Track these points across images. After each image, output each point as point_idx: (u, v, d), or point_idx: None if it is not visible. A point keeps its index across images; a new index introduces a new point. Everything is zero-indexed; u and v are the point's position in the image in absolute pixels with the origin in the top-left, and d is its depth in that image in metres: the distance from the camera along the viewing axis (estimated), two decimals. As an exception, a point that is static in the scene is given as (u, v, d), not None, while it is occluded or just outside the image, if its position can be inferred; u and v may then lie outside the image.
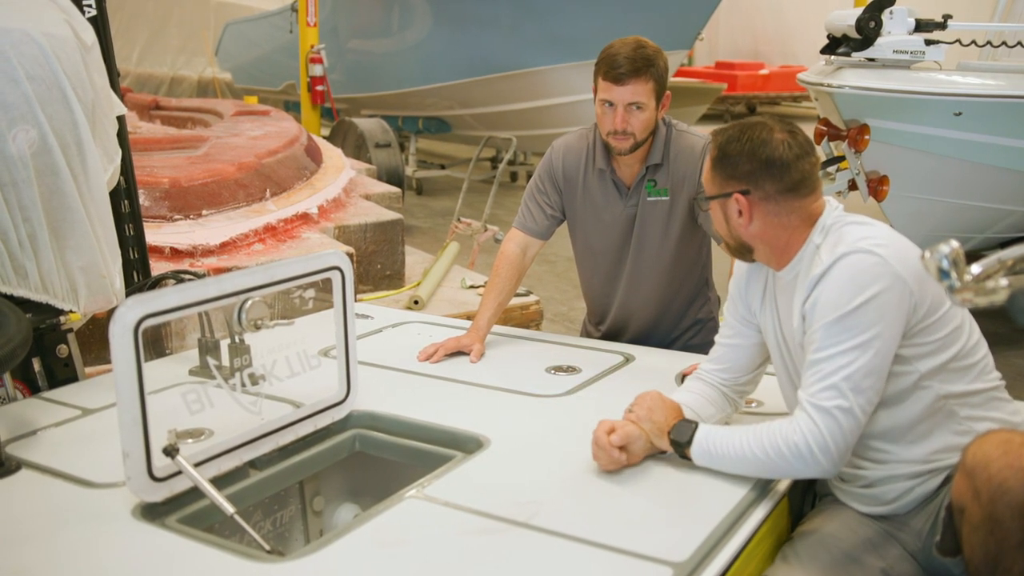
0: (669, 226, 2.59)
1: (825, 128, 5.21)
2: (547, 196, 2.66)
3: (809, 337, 1.71)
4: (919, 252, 1.65)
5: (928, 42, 5.05)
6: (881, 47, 5.01)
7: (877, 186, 5.11)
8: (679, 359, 2.45)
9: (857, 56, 5.08)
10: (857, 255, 1.66)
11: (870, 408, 1.68)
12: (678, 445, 1.77)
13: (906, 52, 5.01)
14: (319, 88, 9.31)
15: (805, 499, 1.95)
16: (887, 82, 4.97)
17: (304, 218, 4.80)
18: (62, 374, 2.36)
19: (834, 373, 1.65)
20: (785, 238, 1.78)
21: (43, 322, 2.27)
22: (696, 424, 1.78)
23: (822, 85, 5.10)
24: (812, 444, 1.66)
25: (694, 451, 1.76)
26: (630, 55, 2.38)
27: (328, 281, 1.91)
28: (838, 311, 1.65)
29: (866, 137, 5.00)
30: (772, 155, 1.74)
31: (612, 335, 2.77)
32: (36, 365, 2.32)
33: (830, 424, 1.65)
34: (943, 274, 1.31)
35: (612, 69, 2.40)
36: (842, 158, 5.19)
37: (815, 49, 5.55)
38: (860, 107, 5.03)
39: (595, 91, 2.48)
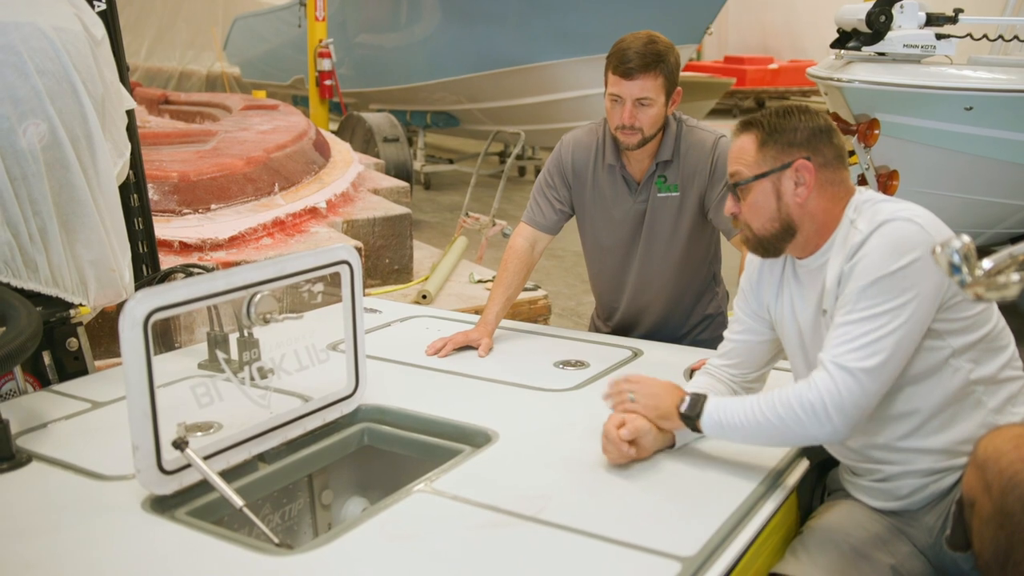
0: (679, 222, 2.58)
1: (835, 123, 5.18)
2: (556, 191, 2.65)
3: (841, 301, 1.69)
4: (948, 228, 1.65)
5: (939, 36, 5.03)
6: (891, 41, 4.99)
7: (887, 181, 5.09)
8: (688, 354, 2.45)
9: (867, 50, 5.06)
10: (897, 222, 1.65)
11: (892, 376, 1.65)
12: (689, 418, 1.76)
13: (917, 46, 4.98)
14: (327, 83, 9.30)
15: (814, 494, 1.95)
16: (897, 76, 4.95)
17: (312, 212, 4.80)
18: (72, 367, 2.37)
19: (863, 336, 1.63)
20: (832, 211, 1.76)
21: (53, 315, 2.28)
22: (705, 396, 1.78)
23: (832, 80, 5.08)
24: (828, 402, 1.63)
25: (704, 422, 1.75)
26: (640, 50, 2.37)
27: (337, 275, 1.91)
28: (876, 273, 1.63)
29: (876, 132, 4.98)
30: (826, 122, 1.78)
31: (622, 331, 2.77)
32: (46, 358, 2.33)
33: (850, 384, 1.63)
34: (954, 269, 1.30)
35: (621, 63, 2.39)
36: (852, 153, 5.17)
37: (825, 43, 5.53)
38: (870, 102, 5.01)
39: (606, 84, 2.47)
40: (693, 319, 2.76)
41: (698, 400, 1.77)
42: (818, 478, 1.95)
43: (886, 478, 1.77)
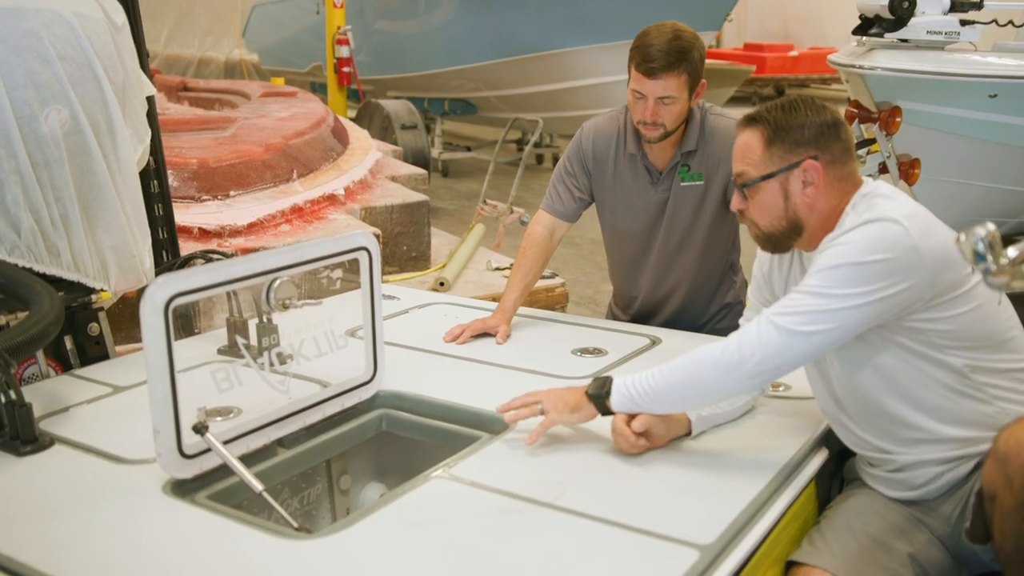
0: (702, 210, 2.57)
1: (856, 110, 5.14)
2: (576, 178, 2.64)
3: (802, 280, 1.69)
4: (947, 231, 1.63)
5: (963, 22, 4.96)
6: (914, 28, 4.93)
7: (908, 169, 5.04)
8: (706, 342, 2.43)
9: (890, 37, 5.00)
10: (881, 223, 1.64)
11: (816, 351, 1.67)
12: (597, 397, 1.77)
13: (940, 33, 4.92)
14: (345, 70, 9.30)
15: (832, 484, 1.94)
16: (920, 63, 4.89)
17: (331, 199, 4.82)
18: (93, 352, 2.39)
19: (806, 306, 1.63)
20: (838, 206, 1.74)
21: (75, 301, 2.30)
22: (611, 377, 1.78)
23: (853, 67, 5.03)
24: (743, 349, 1.65)
25: (614, 399, 1.75)
26: (664, 47, 2.31)
27: (355, 262, 1.92)
28: (843, 260, 1.63)
29: (898, 119, 4.93)
30: (833, 117, 1.74)
31: (640, 319, 2.76)
32: (68, 343, 2.35)
33: (772, 338, 1.63)
34: (979, 257, 1.29)
35: (645, 61, 2.33)
36: (873, 141, 5.12)
37: (846, 30, 5.47)
38: (892, 89, 4.95)
39: (629, 76, 2.43)
40: (712, 308, 2.75)
41: (604, 381, 1.78)
42: (836, 468, 1.95)
43: (900, 468, 1.77)
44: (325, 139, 5.66)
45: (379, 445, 2.11)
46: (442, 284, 4.58)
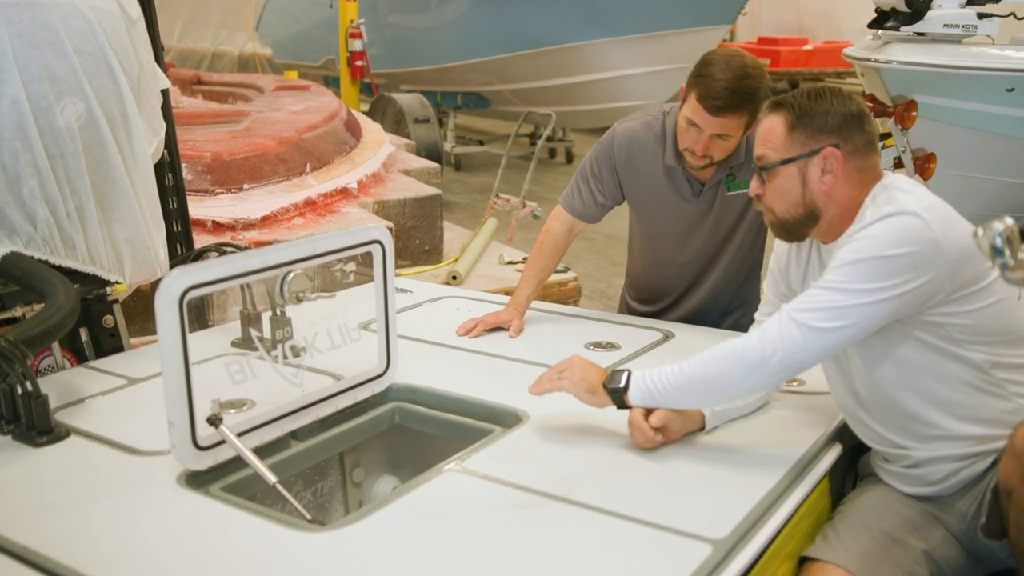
0: (745, 215, 2.51)
1: (871, 104, 5.11)
2: (601, 183, 2.55)
3: (823, 275, 1.68)
4: (967, 225, 1.62)
5: (980, 16, 4.92)
6: (931, 21, 4.89)
7: (924, 164, 5.01)
8: (719, 337, 2.42)
9: (906, 30, 4.97)
10: (902, 216, 1.62)
11: (836, 347, 1.66)
12: (616, 391, 1.76)
13: (957, 26, 4.89)
14: (359, 63, 9.31)
15: (846, 479, 1.93)
16: (937, 57, 4.85)
17: (344, 193, 4.82)
18: (108, 344, 2.40)
19: (827, 302, 1.62)
20: (856, 197, 1.73)
21: (90, 293, 2.31)
22: (629, 370, 1.78)
23: (869, 60, 5.00)
24: (765, 347, 1.64)
25: (632, 393, 1.74)
26: (732, 86, 2.18)
27: (368, 255, 1.92)
28: (864, 254, 1.62)
29: (913, 114, 4.90)
30: (859, 108, 1.73)
31: (663, 314, 2.72)
32: (83, 335, 2.37)
33: (794, 335, 1.62)
34: (996, 252, 1.28)
35: (708, 97, 2.20)
36: (888, 135, 5.09)
37: (861, 24, 5.45)
38: (908, 83, 4.92)
39: (683, 97, 2.32)
40: (735, 302, 2.71)
41: (620, 374, 1.77)
42: (850, 463, 1.94)
43: (917, 464, 1.76)
44: (338, 133, 5.67)
45: (392, 438, 2.11)
46: (454, 278, 4.58)
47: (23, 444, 1.78)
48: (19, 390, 1.78)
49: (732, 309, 2.71)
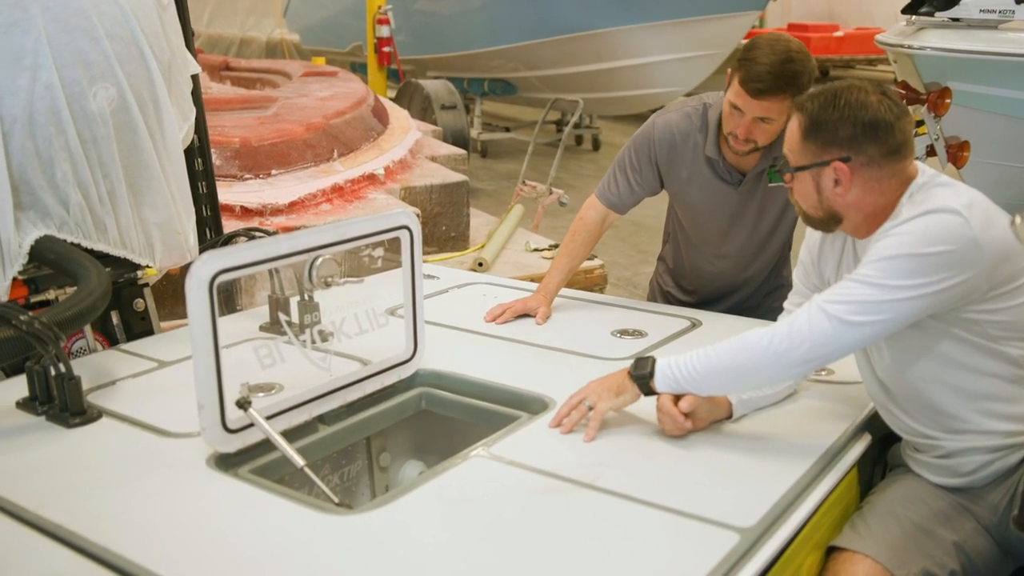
0: (788, 208, 2.48)
1: (903, 92, 5.03)
2: (640, 174, 2.53)
3: (857, 268, 1.66)
4: (1007, 221, 1.59)
5: (1018, 0, 4.83)
6: (967, 6, 4.81)
7: (957, 152, 4.93)
8: (746, 325, 2.40)
9: (940, 16, 4.89)
10: (941, 214, 1.60)
11: (866, 341, 1.65)
12: (641, 378, 1.75)
13: (994, 11, 4.80)
14: (386, 49, 9.31)
15: (875, 469, 1.92)
16: (972, 43, 4.77)
17: (371, 179, 4.84)
18: (139, 327, 2.43)
19: (860, 295, 1.60)
20: (881, 203, 1.70)
21: (121, 276, 2.33)
22: (653, 357, 1.77)
23: (902, 47, 4.93)
24: (790, 333, 1.62)
25: (658, 379, 1.74)
26: (775, 70, 2.17)
27: (396, 241, 1.92)
28: (900, 250, 1.59)
29: (947, 101, 4.82)
30: (875, 117, 1.66)
31: (703, 303, 2.71)
32: (114, 318, 2.39)
33: (824, 326, 1.61)
34: (1034, 241, 1.26)
35: (751, 80, 2.19)
36: (920, 123, 5.02)
37: (893, 10, 5.37)
38: (942, 69, 4.84)
39: (728, 81, 2.31)
40: (766, 287, 2.71)
41: (647, 361, 1.76)
42: (879, 453, 1.92)
43: (948, 454, 1.74)
44: (365, 119, 5.68)
45: (418, 423, 2.12)
46: (480, 264, 4.59)
47: (56, 425, 1.81)
48: (52, 372, 1.81)
49: (767, 293, 2.70)
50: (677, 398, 1.75)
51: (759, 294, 2.71)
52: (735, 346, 1.69)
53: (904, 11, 5.15)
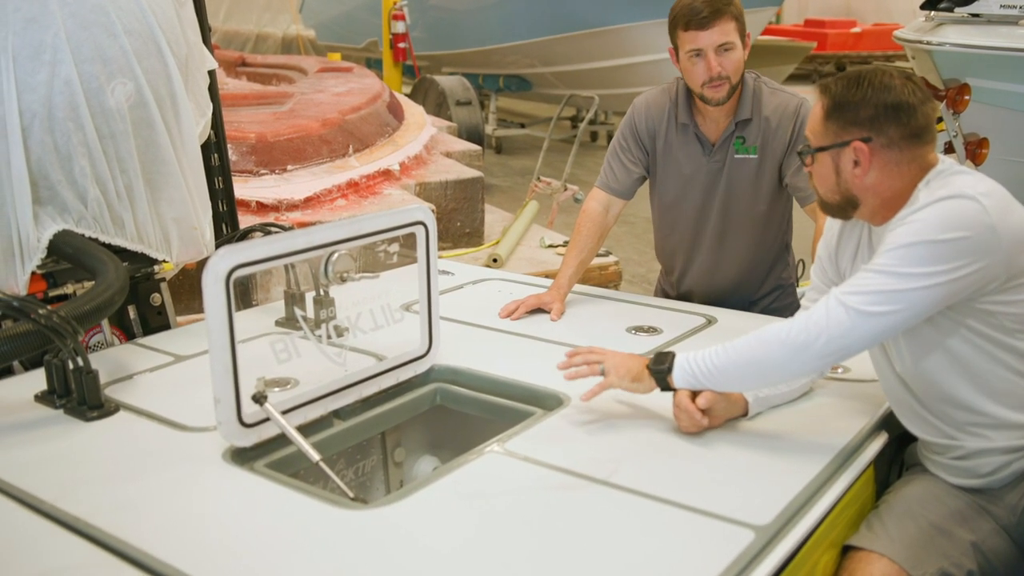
0: (757, 185, 2.53)
1: (923, 92, 4.99)
2: (631, 153, 2.61)
3: (873, 258, 1.65)
4: None
5: (1039, -4, 4.78)
6: (987, 2, 4.76)
7: (976, 149, 4.89)
8: (763, 322, 2.39)
9: (960, 11, 4.84)
10: (958, 200, 1.58)
11: (886, 332, 1.62)
12: (659, 372, 1.75)
13: (1015, 7, 4.74)
14: (401, 45, 9.33)
15: (891, 468, 1.91)
16: (992, 39, 4.72)
17: (386, 174, 4.85)
18: (155, 322, 2.44)
19: (878, 285, 1.58)
20: (899, 188, 1.69)
21: (138, 271, 2.35)
22: (672, 352, 1.77)
23: (921, 43, 4.88)
24: (808, 326, 1.61)
25: (676, 374, 1.73)
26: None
27: (411, 237, 1.92)
28: (917, 238, 1.58)
29: (966, 97, 4.78)
30: (898, 99, 1.66)
31: (689, 297, 2.73)
32: (131, 313, 2.41)
33: (841, 319, 1.59)
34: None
35: (694, 16, 2.34)
36: (939, 119, 4.98)
37: (911, 5, 5.34)
38: (961, 66, 4.80)
39: (675, 49, 2.43)
40: (765, 288, 2.71)
41: (665, 356, 1.76)
42: (896, 452, 1.91)
43: (966, 455, 1.72)
44: (381, 114, 5.69)
45: (433, 419, 2.12)
46: (495, 260, 4.59)
47: (74, 418, 1.82)
48: (70, 365, 1.82)
49: (762, 295, 2.70)
50: (694, 395, 1.74)
51: (751, 295, 2.71)
52: (753, 341, 1.68)
53: (923, 7, 5.10)
